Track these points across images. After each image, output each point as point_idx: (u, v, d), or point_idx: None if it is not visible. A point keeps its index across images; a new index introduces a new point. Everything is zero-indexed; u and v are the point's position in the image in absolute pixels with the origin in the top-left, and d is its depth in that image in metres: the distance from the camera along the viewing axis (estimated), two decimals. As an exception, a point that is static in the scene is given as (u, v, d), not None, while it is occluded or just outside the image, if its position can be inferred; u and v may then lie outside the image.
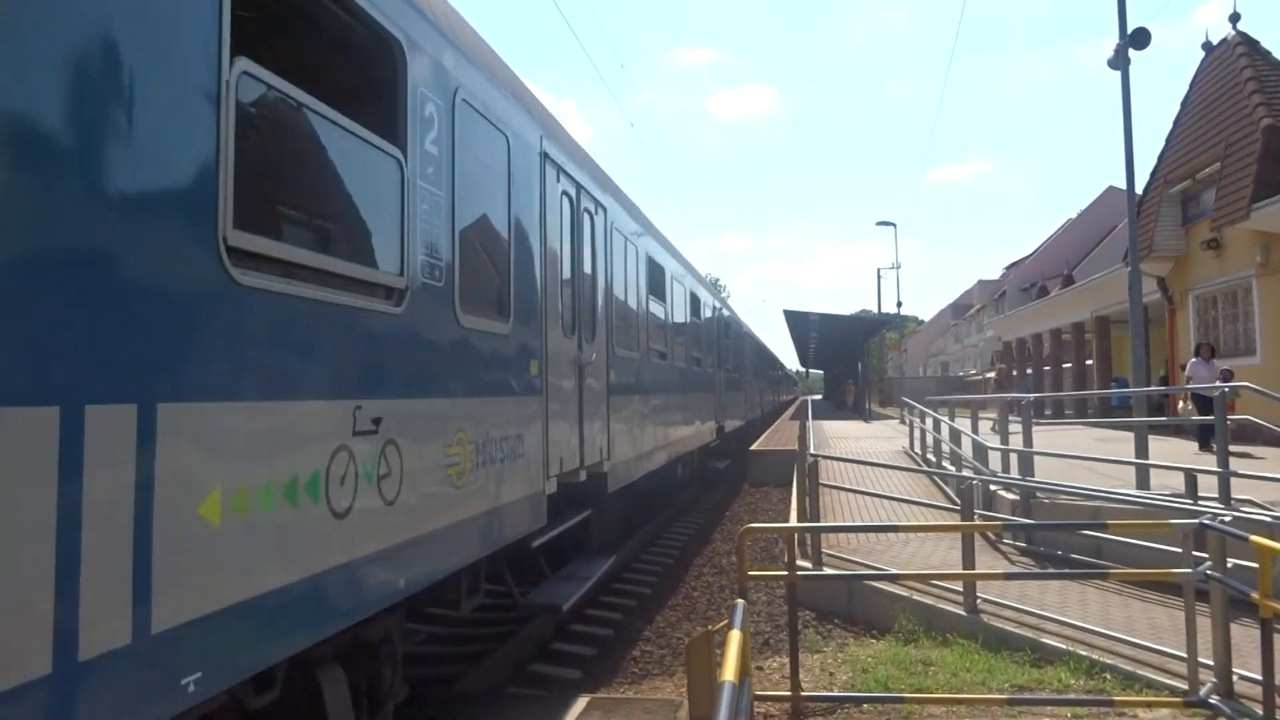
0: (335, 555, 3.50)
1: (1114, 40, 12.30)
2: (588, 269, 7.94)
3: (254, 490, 2.99)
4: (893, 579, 7.66)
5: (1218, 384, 12.26)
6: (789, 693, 5.61)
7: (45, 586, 2.19)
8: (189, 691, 2.63)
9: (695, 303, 15.12)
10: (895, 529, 8.83)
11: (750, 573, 5.98)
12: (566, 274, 7.22)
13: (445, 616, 8.39)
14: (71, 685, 2.25)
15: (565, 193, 7.16)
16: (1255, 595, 4.66)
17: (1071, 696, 5.45)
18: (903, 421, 23.33)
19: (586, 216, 7.93)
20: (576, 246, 7.54)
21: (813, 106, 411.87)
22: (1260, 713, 4.75)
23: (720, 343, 18.65)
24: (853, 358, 47.99)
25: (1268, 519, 7.19)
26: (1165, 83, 63.36)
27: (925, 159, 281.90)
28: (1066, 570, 8.08)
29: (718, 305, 18.96)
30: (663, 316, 11.81)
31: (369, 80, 4.11)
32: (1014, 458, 10.85)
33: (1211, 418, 10.00)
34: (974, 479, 8.48)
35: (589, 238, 8.01)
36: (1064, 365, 34.38)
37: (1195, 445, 14.58)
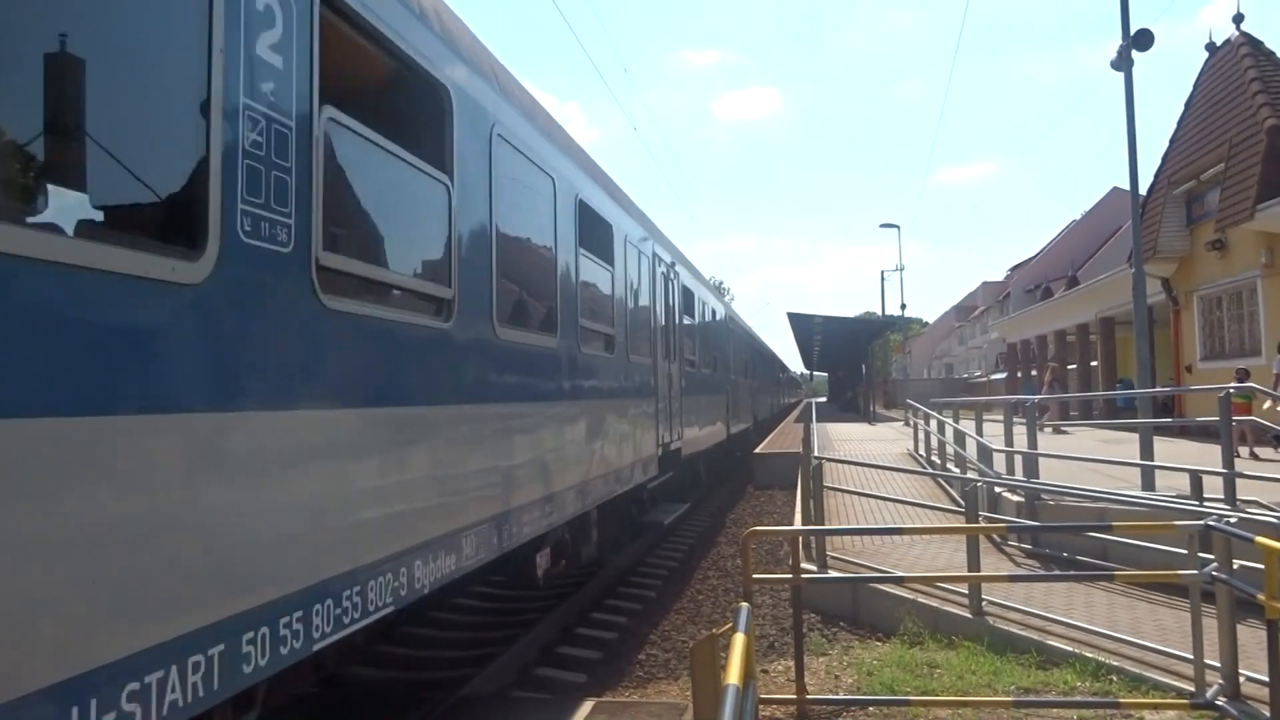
0: None
1: (1119, 41, 12.30)
2: None
3: None
4: (898, 581, 7.64)
5: (1225, 385, 12.22)
6: (794, 696, 5.60)
7: None
8: None
9: (606, 237, 8.39)
10: (900, 531, 8.82)
11: (755, 576, 5.98)
12: None
13: (449, 620, 8.40)
14: None
15: None
16: (1261, 596, 4.65)
17: (1077, 699, 5.44)
18: (907, 424, 23.31)
19: None
20: None
21: (818, 108, 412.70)
22: (1267, 714, 4.74)
23: (675, 322, 12.16)
24: (857, 360, 47.94)
25: (1274, 520, 7.17)
26: (1172, 82, 63.30)
27: (929, 161, 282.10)
28: (1072, 572, 8.08)
29: (668, 261, 11.97)
30: (483, 232, 5.34)
31: None
32: (1019, 459, 10.83)
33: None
34: (979, 481, 8.46)
35: None
36: (1069, 367, 34.33)
37: (1196, 447, 14.53)
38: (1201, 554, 5.47)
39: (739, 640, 3.38)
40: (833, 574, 8.28)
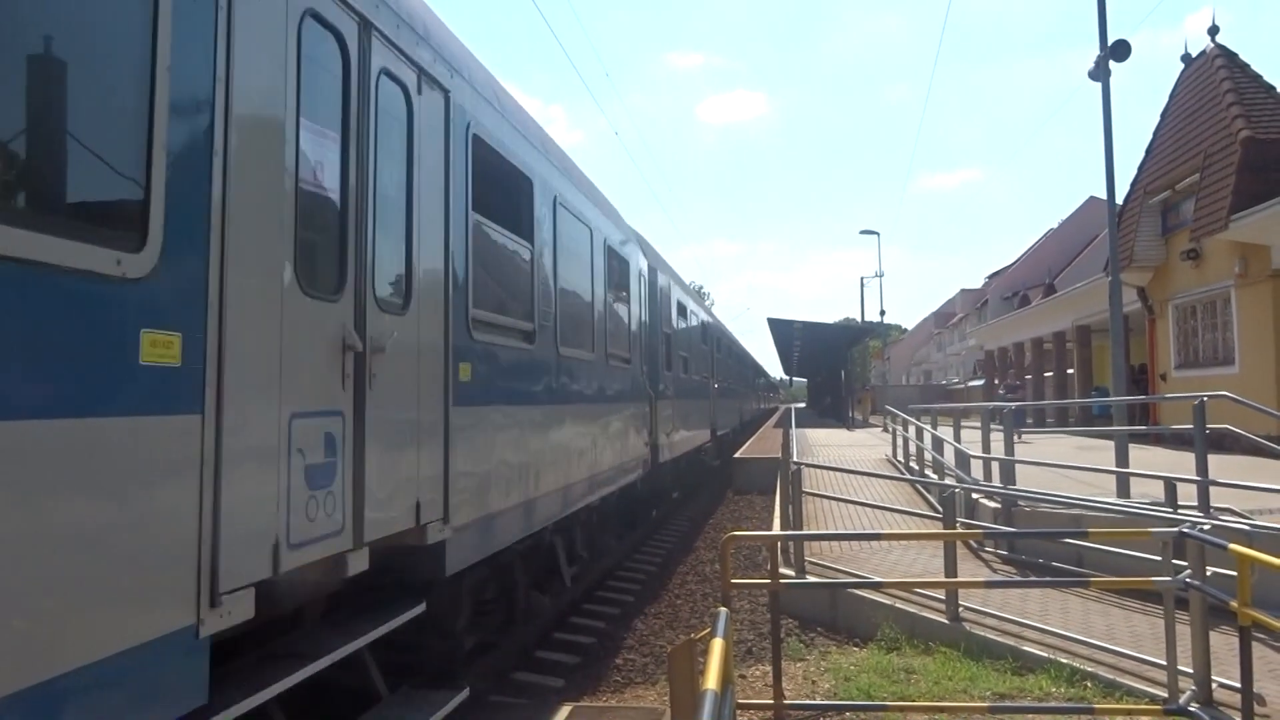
0: None
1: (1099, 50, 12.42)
2: None
3: None
4: (875, 587, 7.66)
5: (1200, 394, 12.33)
6: (772, 701, 5.60)
7: None
8: None
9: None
10: (878, 537, 8.84)
11: (733, 581, 5.97)
12: None
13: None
14: None
15: None
16: (1234, 603, 4.69)
17: (1052, 704, 5.47)
18: (885, 430, 23.41)
19: None
20: None
21: (804, 112, 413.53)
22: (1239, 720, 4.78)
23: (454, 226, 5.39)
24: (836, 366, 48.13)
25: (1246, 527, 7.24)
26: (1155, 89, 64.03)
27: (909, 167, 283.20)
28: (1048, 578, 8.12)
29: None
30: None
31: None
32: (996, 466, 10.89)
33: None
34: (956, 487, 8.50)
35: None
36: (1045, 374, 34.63)
37: (1175, 453, 14.61)
38: (1175, 560, 5.51)
39: (717, 645, 3.37)
40: (811, 579, 8.29)
